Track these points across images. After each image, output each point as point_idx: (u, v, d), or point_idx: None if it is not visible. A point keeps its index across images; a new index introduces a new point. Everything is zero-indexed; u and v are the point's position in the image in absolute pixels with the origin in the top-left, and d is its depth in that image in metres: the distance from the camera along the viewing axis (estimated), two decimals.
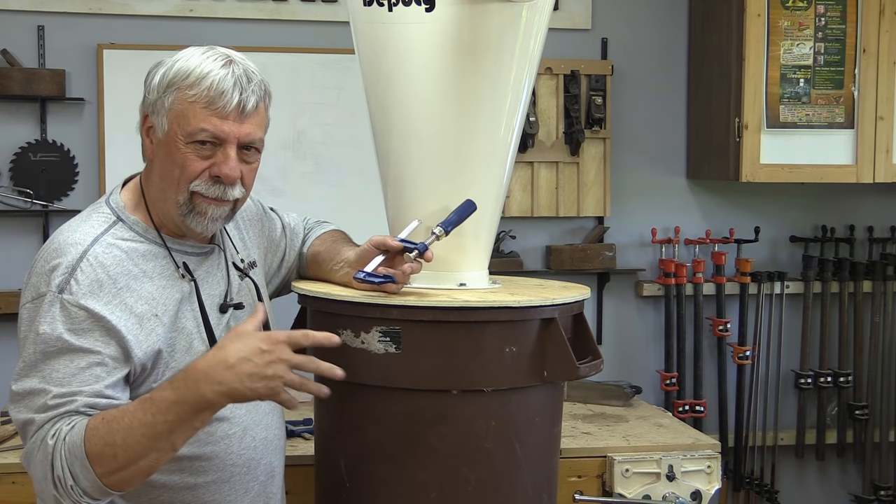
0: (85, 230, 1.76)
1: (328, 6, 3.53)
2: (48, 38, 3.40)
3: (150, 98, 1.78)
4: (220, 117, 1.74)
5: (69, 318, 1.66)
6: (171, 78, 1.75)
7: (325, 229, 2.23)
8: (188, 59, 1.77)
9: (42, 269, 1.71)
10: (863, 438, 3.90)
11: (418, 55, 2.02)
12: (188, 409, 1.57)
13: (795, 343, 3.89)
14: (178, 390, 1.58)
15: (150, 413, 1.57)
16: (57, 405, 1.62)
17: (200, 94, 1.73)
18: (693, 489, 2.71)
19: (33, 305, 1.70)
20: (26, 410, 1.66)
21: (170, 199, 1.78)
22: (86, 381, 1.64)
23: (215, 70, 1.74)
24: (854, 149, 3.57)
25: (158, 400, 1.58)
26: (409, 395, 1.94)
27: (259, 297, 1.98)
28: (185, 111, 1.74)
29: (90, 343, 1.66)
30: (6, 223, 3.40)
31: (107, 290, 1.70)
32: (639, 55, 3.77)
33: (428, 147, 2.07)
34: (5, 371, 3.29)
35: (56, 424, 1.62)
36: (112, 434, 1.56)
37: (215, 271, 1.90)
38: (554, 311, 2.00)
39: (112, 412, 1.60)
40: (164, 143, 1.77)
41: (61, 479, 1.59)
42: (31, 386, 1.65)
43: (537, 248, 3.74)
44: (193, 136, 1.74)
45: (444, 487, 1.98)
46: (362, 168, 3.42)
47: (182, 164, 1.75)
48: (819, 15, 3.52)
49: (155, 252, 1.80)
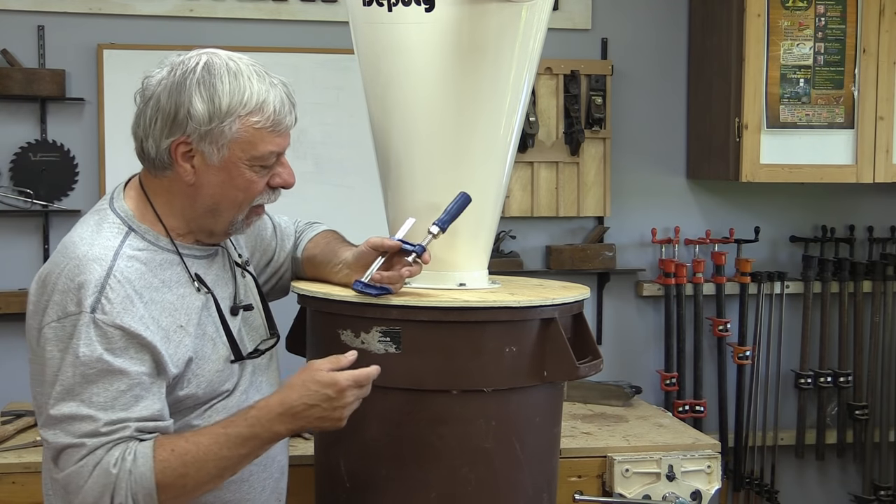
0: (102, 243, 1.73)
1: (328, 6, 3.53)
2: (48, 38, 3.40)
3: (192, 125, 1.72)
4: (282, 137, 1.79)
5: (105, 339, 1.66)
6: (227, 105, 1.72)
7: (316, 231, 2.22)
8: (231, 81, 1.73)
9: (66, 287, 1.67)
10: (863, 438, 3.90)
11: (418, 55, 2.02)
12: (260, 444, 1.72)
13: (795, 343, 3.89)
14: (253, 427, 1.69)
15: (224, 448, 1.68)
16: (109, 432, 1.65)
17: (266, 119, 1.75)
18: (693, 489, 2.71)
19: (60, 325, 1.66)
20: (67, 435, 1.65)
21: (224, 218, 1.81)
22: (129, 405, 1.67)
23: (268, 91, 1.76)
24: (854, 149, 3.57)
25: (234, 436, 1.69)
26: (409, 395, 1.95)
27: (259, 291, 2.00)
28: (251, 138, 1.74)
29: (127, 363, 1.67)
30: (6, 223, 3.40)
31: (137, 306, 1.70)
32: (639, 55, 3.77)
33: (428, 147, 2.07)
34: (5, 370, 3.31)
35: (111, 452, 1.65)
36: (185, 467, 1.67)
37: (223, 273, 1.90)
38: (554, 311, 2.00)
39: (181, 444, 1.68)
40: (220, 168, 1.76)
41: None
42: (71, 411, 1.64)
43: (537, 248, 3.74)
44: (264, 160, 1.77)
45: (445, 487, 1.98)
46: (362, 168, 3.42)
47: (247, 188, 1.78)
48: (819, 15, 3.52)
49: (170, 260, 1.79)
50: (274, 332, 1.98)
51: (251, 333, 1.92)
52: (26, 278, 3.56)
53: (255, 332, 1.94)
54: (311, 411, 1.71)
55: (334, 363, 1.75)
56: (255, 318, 1.95)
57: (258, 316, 1.97)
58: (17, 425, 2.76)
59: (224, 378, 1.82)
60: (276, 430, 1.71)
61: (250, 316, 1.93)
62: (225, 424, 1.71)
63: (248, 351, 1.88)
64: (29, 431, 2.74)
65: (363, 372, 1.75)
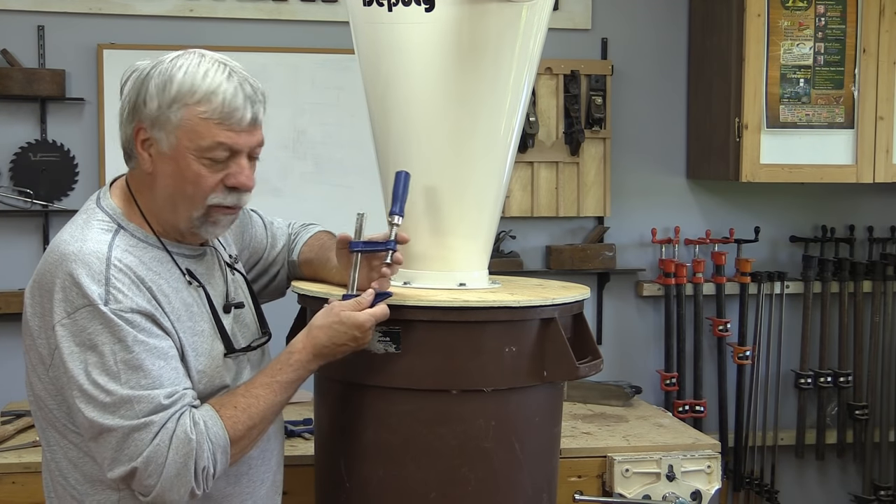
0: (94, 238, 1.73)
1: (328, 6, 3.53)
2: (48, 38, 3.40)
3: (146, 111, 1.74)
4: (235, 132, 1.74)
5: (131, 324, 1.66)
6: (174, 93, 1.72)
7: (311, 233, 2.21)
8: (187, 71, 1.73)
9: (67, 284, 1.67)
10: (863, 438, 3.90)
11: (418, 55, 2.02)
12: (300, 383, 1.86)
13: (795, 343, 3.89)
14: (298, 371, 1.83)
15: (279, 394, 1.80)
16: (171, 404, 1.68)
17: (213, 111, 1.72)
18: (693, 489, 2.71)
19: (72, 321, 1.66)
20: (128, 419, 1.65)
21: (181, 213, 1.78)
22: (175, 378, 1.71)
23: (223, 84, 1.73)
24: (854, 149, 3.57)
25: (285, 382, 1.81)
26: (409, 395, 1.95)
27: (249, 289, 2.00)
28: (196, 127, 1.72)
29: (158, 340, 1.70)
30: (6, 223, 3.40)
31: (142, 289, 1.71)
32: (639, 55, 3.77)
33: (427, 147, 2.07)
34: (5, 370, 3.31)
35: (182, 421, 1.68)
36: (252, 419, 1.76)
37: (214, 271, 1.90)
38: (554, 311, 2.00)
39: (241, 400, 1.77)
40: (170, 158, 1.74)
41: (206, 469, 1.70)
42: (123, 394, 1.65)
43: (537, 248, 3.74)
44: (209, 151, 1.73)
45: (444, 487, 1.98)
46: (362, 168, 3.42)
47: (195, 181, 1.74)
48: (819, 15, 3.52)
49: (160, 258, 1.79)
50: (265, 330, 1.98)
51: (243, 331, 1.92)
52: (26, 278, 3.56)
53: (246, 330, 1.94)
54: (341, 348, 1.85)
55: (355, 306, 1.86)
56: (246, 317, 1.95)
57: (249, 314, 1.97)
58: (17, 425, 2.76)
59: (222, 373, 1.83)
60: (313, 368, 1.85)
61: (241, 314, 1.93)
62: (271, 373, 1.81)
63: (241, 346, 1.89)
64: (29, 431, 2.74)
65: (383, 310, 1.87)
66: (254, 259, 2.15)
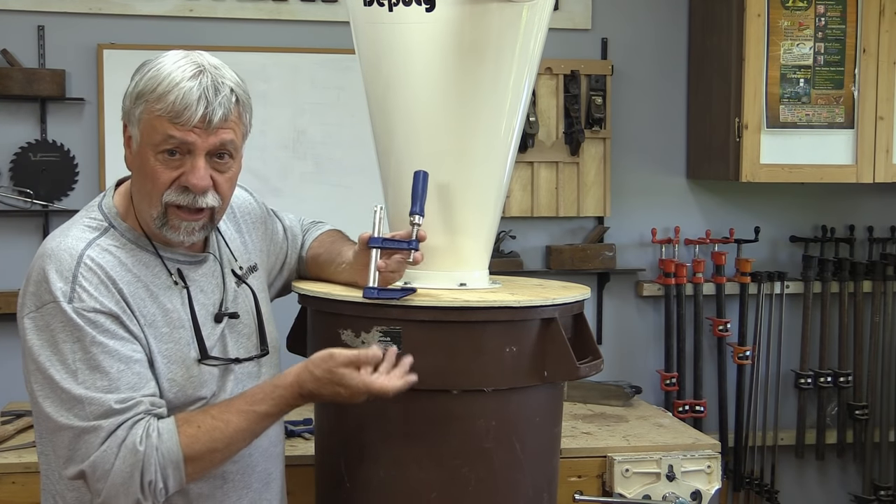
0: (76, 234, 1.75)
1: (328, 6, 3.53)
2: (48, 38, 3.40)
3: (124, 107, 1.78)
4: (185, 128, 1.72)
5: (92, 324, 1.67)
6: (140, 89, 1.74)
7: (321, 230, 2.22)
8: (159, 68, 1.74)
9: (39, 278, 1.70)
10: (863, 438, 3.90)
11: (419, 55, 2.02)
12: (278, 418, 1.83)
13: (795, 343, 3.89)
14: (279, 405, 1.77)
15: (253, 423, 1.75)
16: (123, 410, 1.66)
17: (166, 108, 1.72)
18: (693, 489, 2.71)
19: (38, 315, 1.68)
20: (76, 419, 1.65)
21: (146, 212, 1.78)
22: (134, 384, 1.68)
23: (182, 82, 1.72)
24: (854, 149, 3.57)
25: (262, 413, 1.76)
26: (410, 395, 1.94)
27: (256, 303, 1.96)
28: (152, 122, 1.73)
29: (120, 344, 1.68)
30: (6, 223, 3.40)
31: (111, 290, 1.71)
32: (639, 55, 3.77)
33: (428, 147, 2.07)
34: (5, 370, 3.31)
35: (133, 430, 1.66)
36: (215, 442, 1.72)
37: (210, 278, 1.88)
38: (554, 311, 2.00)
39: (208, 421, 1.72)
40: (138, 154, 1.77)
41: (152, 483, 1.68)
42: (77, 394, 1.65)
43: (537, 248, 3.74)
44: (161, 145, 1.73)
45: (445, 487, 1.98)
46: (362, 168, 3.42)
47: (152, 176, 1.75)
48: (819, 15, 3.52)
49: (147, 260, 1.79)
50: (264, 347, 1.95)
51: (239, 341, 1.90)
52: None
53: (244, 341, 1.91)
54: (326, 398, 1.79)
55: (354, 360, 1.77)
56: (245, 328, 1.92)
57: (249, 328, 1.93)
58: (17, 425, 2.76)
59: (198, 383, 1.80)
60: (296, 405, 1.80)
61: (237, 325, 1.90)
62: (250, 401, 1.76)
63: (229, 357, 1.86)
64: (29, 431, 2.74)
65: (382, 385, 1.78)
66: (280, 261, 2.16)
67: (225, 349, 1.86)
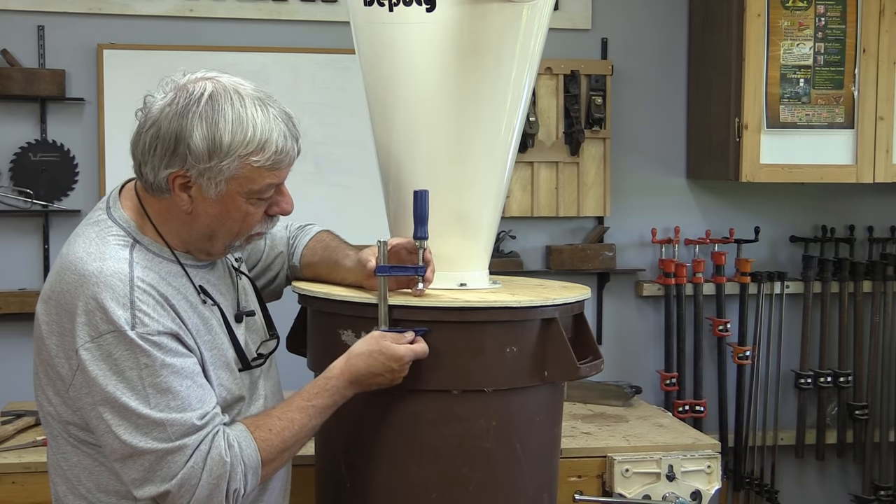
0: (113, 255, 1.70)
1: (328, 6, 3.53)
2: (48, 38, 3.40)
3: (191, 160, 1.68)
4: (283, 170, 1.77)
5: (158, 347, 1.65)
6: (227, 147, 1.68)
7: (310, 235, 2.19)
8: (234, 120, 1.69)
9: (90, 308, 1.64)
10: (863, 438, 3.90)
11: (419, 55, 2.02)
12: (334, 408, 1.87)
13: (795, 343, 3.89)
14: (334, 397, 1.85)
15: (314, 418, 1.82)
16: (203, 425, 1.68)
17: (266, 159, 1.71)
18: (693, 489, 2.71)
19: (96, 345, 1.64)
20: (158, 441, 1.65)
21: (219, 243, 1.79)
22: (204, 398, 1.71)
23: (273, 129, 1.72)
24: (854, 149, 3.57)
25: (321, 407, 1.83)
26: (410, 395, 1.95)
27: (256, 291, 1.99)
28: (250, 175, 1.71)
29: (185, 361, 1.69)
30: (6, 223, 3.40)
31: (167, 308, 1.70)
32: (639, 55, 3.78)
33: (428, 147, 2.07)
34: (5, 370, 3.31)
35: (215, 442, 1.69)
36: (286, 442, 1.79)
37: (224, 280, 1.89)
38: (554, 311, 2.00)
39: (276, 423, 1.79)
40: (217, 202, 1.73)
41: (237, 490, 1.72)
42: (155, 418, 1.65)
43: (537, 248, 3.74)
44: (261, 193, 1.75)
45: (445, 487, 1.98)
46: (362, 168, 3.42)
47: (243, 219, 1.77)
48: (819, 15, 3.52)
49: (175, 271, 1.77)
50: (273, 333, 1.98)
51: (253, 336, 1.92)
52: (26, 278, 3.56)
53: (256, 336, 1.93)
54: (377, 378, 1.86)
55: (398, 338, 1.88)
56: (255, 322, 1.95)
57: (258, 319, 1.97)
58: (17, 425, 2.75)
59: (240, 384, 1.83)
60: (348, 394, 1.86)
61: (251, 321, 1.93)
62: (308, 397, 1.82)
63: (253, 356, 1.89)
64: (29, 431, 2.74)
65: (423, 347, 1.90)
66: (252, 260, 2.14)
67: (248, 347, 1.88)
